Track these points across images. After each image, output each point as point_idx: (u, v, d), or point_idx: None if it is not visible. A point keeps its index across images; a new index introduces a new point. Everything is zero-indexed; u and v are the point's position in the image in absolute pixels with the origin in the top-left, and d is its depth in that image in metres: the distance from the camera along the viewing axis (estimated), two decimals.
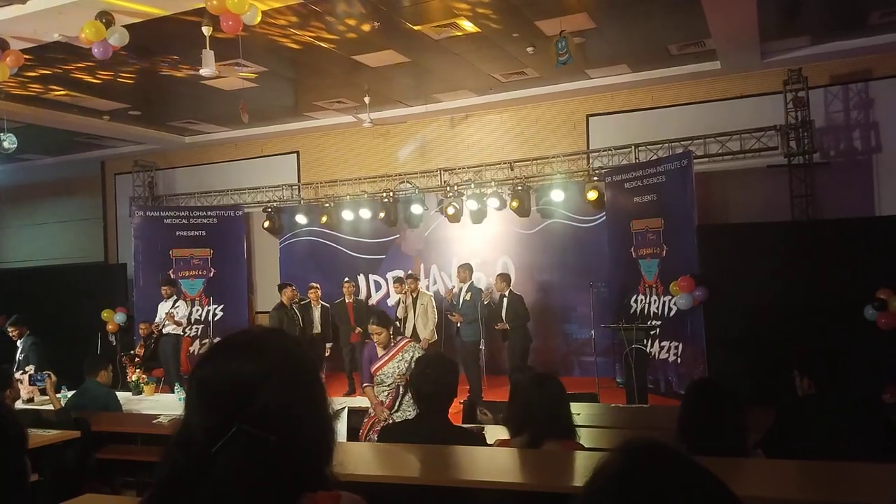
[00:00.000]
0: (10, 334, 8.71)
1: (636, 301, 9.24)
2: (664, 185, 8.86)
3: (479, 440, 3.57)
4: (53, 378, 5.68)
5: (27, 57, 7.00)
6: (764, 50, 8.77)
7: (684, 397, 3.06)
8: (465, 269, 9.60)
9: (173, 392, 7.51)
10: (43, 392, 6.13)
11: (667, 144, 9.67)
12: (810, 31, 8.51)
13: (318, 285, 10.05)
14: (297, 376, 1.19)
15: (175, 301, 9.94)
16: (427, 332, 9.33)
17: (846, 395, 3.46)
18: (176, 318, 9.81)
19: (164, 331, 9.79)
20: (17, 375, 6.52)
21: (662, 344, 8.77)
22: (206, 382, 1.17)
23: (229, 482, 1.07)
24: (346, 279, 10.40)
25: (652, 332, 8.68)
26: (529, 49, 8.43)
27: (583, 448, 3.22)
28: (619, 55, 9.07)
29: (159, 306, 10.03)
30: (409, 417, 4.75)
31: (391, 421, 4.95)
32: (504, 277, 9.39)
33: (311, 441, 1.16)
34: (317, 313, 9.86)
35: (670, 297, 8.51)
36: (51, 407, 5.87)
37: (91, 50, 6.20)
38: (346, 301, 10.09)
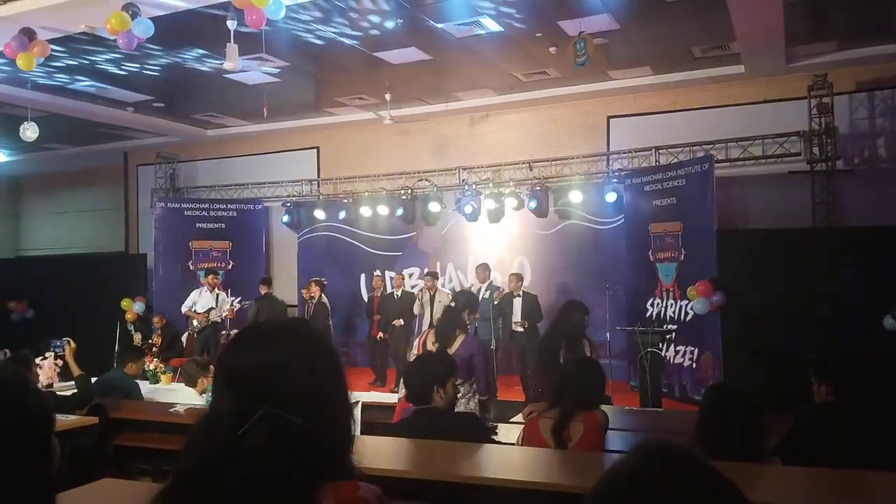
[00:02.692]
0: None
1: (653, 304, 9.20)
2: (684, 189, 8.80)
3: (482, 424, 3.69)
4: (73, 345, 5.73)
5: (54, 47, 7.08)
6: (789, 54, 8.68)
7: (702, 401, 3.06)
8: (484, 269, 9.66)
9: None
10: (61, 358, 6.17)
11: (688, 148, 9.60)
12: (837, 36, 8.41)
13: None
14: (321, 364, 1.23)
15: (219, 294, 10.30)
16: None
17: (864, 403, 3.43)
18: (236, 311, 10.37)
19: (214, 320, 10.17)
20: (37, 361, 6.60)
21: (678, 348, 8.72)
22: (233, 367, 1.20)
23: (254, 465, 1.09)
24: (377, 273, 10.71)
25: (668, 336, 8.63)
26: (552, 49, 8.41)
27: (605, 416, 3.54)
28: (641, 57, 9.03)
29: (197, 293, 10.30)
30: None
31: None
32: (517, 277, 9.38)
33: (334, 427, 1.19)
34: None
35: (687, 301, 8.45)
36: (69, 393, 5.93)
37: (116, 41, 6.26)
38: (374, 295, 10.36)
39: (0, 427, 1.19)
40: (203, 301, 10.15)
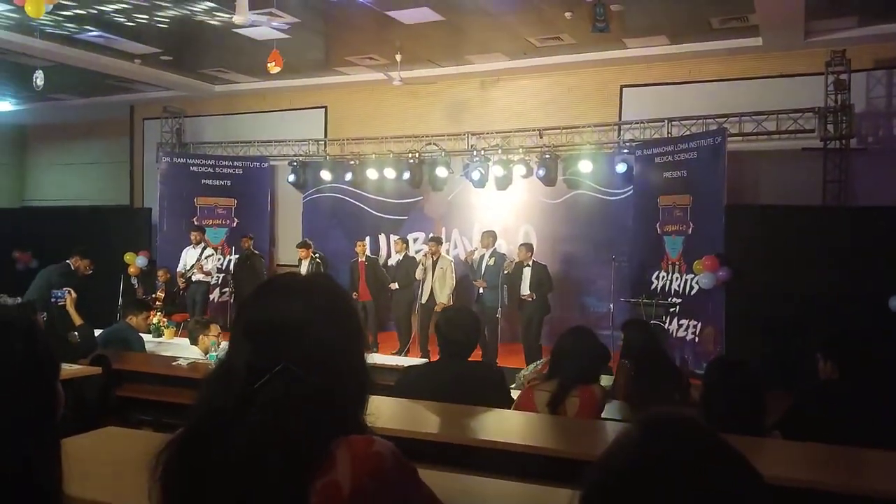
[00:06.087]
0: None
1: (658, 277, 9.17)
2: (695, 162, 8.72)
3: (499, 374, 3.75)
4: (73, 294, 5.77)
5: None
6: (808, 29, 8.53)
7: (705, 374, 3.05)
8: (489, 236, 9.59)
9: None
10: (62, 307, 6.19)
11: (701, 120, 9.49)
12: (857, 11, 8.25)
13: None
14: (343, 320, 1.21)
15: (204, 249, 10.22)
16: (444, 296, 9.36)
17: (869, 382, 3.42)
18: (205, 269, 10.32)
19: (194, 278, 10.22)
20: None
21: (681, 322, 8.72)
22: (254, 319, 1.18)
23: (269, 419, 1.09)
24: (359, 239, 10.54)
25: (671, 310, 8.64)
26: (567, 14, 8.26)
27: (603, 392, 3.53)
28: (658, 26, 8.87)
29: (185, 252, 10.27)
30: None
31: None
32: (527, 247, 9.33)
33: (351, 385, 1.18)
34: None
35: (693, 275, 8.43)
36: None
37: None
38: (359, 260, 10.22)
39: (7, 365, 1.18)
40: (189, 258, 10.22)
